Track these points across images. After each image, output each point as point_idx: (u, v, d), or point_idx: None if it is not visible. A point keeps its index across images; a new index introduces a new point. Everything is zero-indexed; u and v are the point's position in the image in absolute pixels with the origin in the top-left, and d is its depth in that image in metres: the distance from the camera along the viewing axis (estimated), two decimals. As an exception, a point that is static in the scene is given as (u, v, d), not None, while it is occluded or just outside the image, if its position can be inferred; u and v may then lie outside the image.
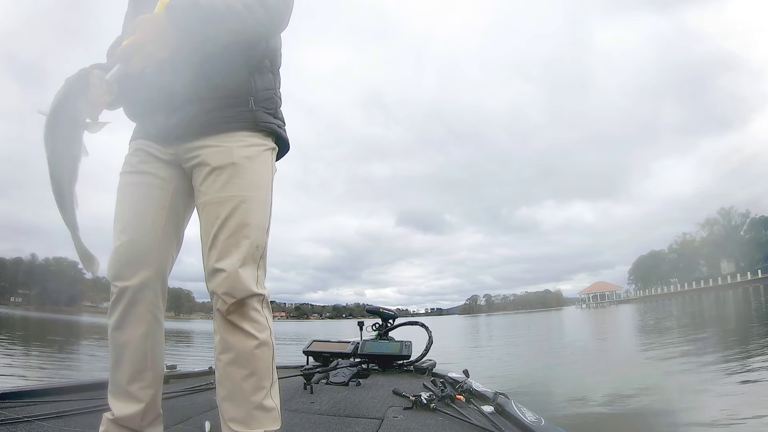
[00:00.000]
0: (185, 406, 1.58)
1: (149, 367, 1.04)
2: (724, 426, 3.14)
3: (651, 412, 3.78)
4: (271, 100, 1.12)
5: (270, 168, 1.12)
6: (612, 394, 4.47)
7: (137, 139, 1.13)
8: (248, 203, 1.02)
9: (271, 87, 1.13)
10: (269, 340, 1.02)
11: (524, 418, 1.37)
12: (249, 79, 1.08)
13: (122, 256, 1.03)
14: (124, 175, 1.11)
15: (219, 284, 0.97)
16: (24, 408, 1.36)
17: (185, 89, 1.04)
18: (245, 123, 1.07)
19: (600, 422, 3.57)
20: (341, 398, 1.77)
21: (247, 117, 1.07)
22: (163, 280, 1.08)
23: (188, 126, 1.05)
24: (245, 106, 1.07)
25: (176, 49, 0.95)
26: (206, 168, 1.03)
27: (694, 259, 73.69)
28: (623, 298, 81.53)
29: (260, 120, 1.09)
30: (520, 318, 46.51)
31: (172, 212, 1.10)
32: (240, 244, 1.00)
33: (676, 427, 3.37)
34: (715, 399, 3.99)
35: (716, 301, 31.96)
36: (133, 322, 1.02)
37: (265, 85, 1.11)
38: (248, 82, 1.08)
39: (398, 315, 2.95)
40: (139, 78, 1.01)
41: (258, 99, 1.08)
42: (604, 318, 28.80)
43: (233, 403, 0.98)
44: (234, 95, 1.06)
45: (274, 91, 1.14)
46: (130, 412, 1.01)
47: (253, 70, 1.09)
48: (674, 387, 4.79)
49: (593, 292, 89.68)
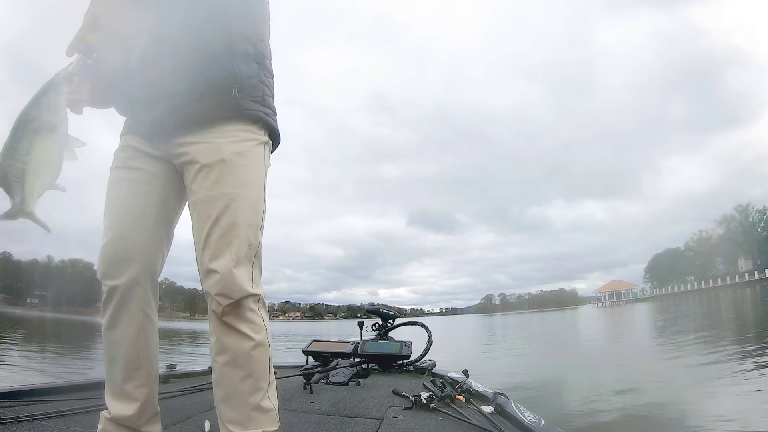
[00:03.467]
0: (185, 405, 1.58)
1: (143, 365, 1.04)
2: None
3: (653, 413, 3.71)
4: (256, 87, 1.07)
5: (263, 163, 1.08)
6: (615, 394, 4.41)
7: (126, 134, 1.10)
8: (239, 201, 1.00)
9: (255, 75, 1.08)
10: (266, 340, 1.01)
11: (524, 419, 1.35)
12: (232, 67, 1.03)
13: (110, 254, 1.02)
14: (112, 170, 1.08)
15: (213, 285, 0.96)
16: (24, 407, 1.37)
17: (164, 81, 1.01)
18: (230, 112, 1.03)
19: (600, 422, 3.52)
20: (341, 398, 1.76)
21: (231, 106, 1.03)
22: (153, 277, 1.06)
23: (171, 121, 1.01)
24: (229, 95, 1.03)
25: (135, 20, 0.92)
26: (195, 165, 1.01)
27: (711, 256, 72.14)
28: (639, 296, 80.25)
29: (245, 107, 1.04)
30: (535, 317, 46.03)
31: (162, 208, 1.07)
32: (233, 244, 0.97)
33: (678, 428, 3.30)
34: (724, 400, 3.89)
35: (733, 300, 31.21)
36: (125, 320, 1.01)
37: (249, 73, 1.06)
38: (231, 70, 1.03)
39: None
40: (119, 71, 0.99)
41: (242, 87, 1.04)
42: (623, 317, 28.26)
43: (231, 404, 0.97)
44: (217, 85, 1.02)
45: (258, 78, 1.08)
46: (126, 411, 1.01)
47: (236, 56, 1.04)
48: (683, 388, 4.68)
49: (609, 290, 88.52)
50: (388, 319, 2.89)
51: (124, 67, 1.00)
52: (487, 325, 33.60)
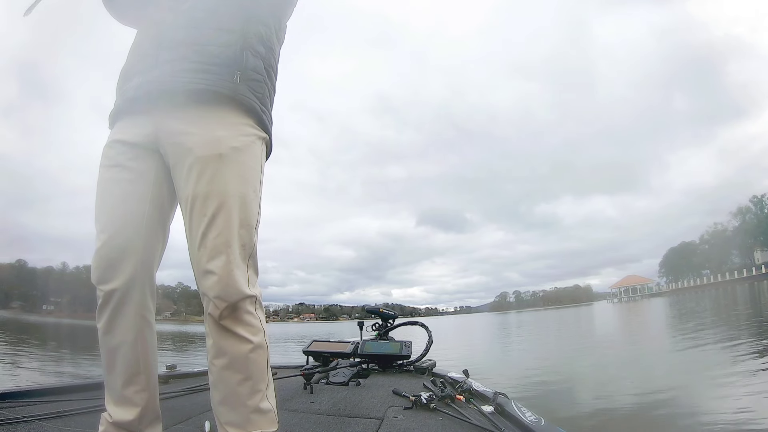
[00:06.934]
0: (185, 406, 1.58)
1: (142, 370, 1.01)
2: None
3: (662, 414, 3.63)
4: (259, 83, 1.05)
5: (260, 160, 1.05)
6: (620, 394, 4.32)
7: (114, 126, 1.07)
8: (235, 199, 0.97)
9: (261, 73, 1.06)
10: (263, 342, 0.99)
11: (524, 418, 1.33)
12: (240, 51, 1.02)
13: (104, 258, 0.99)
14: (101, 169, 1.04)
15: (211, 287, 0.93)
16: (24, 408, 1.37)
17: (172, 44, 1.00)
18: (224, 94, 0.99)
19: (601, 422, 3.45)
20: (341, 398, 1.75)
21: (228, 87, 1.00)
22: (150, 279, 1.03)
23: (167, 85, 0.98)
24: (229, 76, 1.00)
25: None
26: (190, 158, 0.97)
27: (727, 249, 70.72)
28: (655, 291, 79.07)
29: (240, 93, 1.01)
30: (551, 314, 45.44)
31: (155, 205, 1.03)
32: (229, 244, 0.95)
33: (681, 428, 3.22)
34: (740, 402, 3.79)
35: (750, 293, 30.43)
36: (122, 325, 0.99)
37: (255, 68, 1.04)
38: (238, 54, 1.01)
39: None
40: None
41: (245, 77, 1.02)
42: (642, 312, 27.68)
43: (229, 407, 0.96)
44: (219, 62, 1.00)
45: (264, 79, 1.07)
46: (127, 416, 0.99)
47: (246, 46, 1.03)
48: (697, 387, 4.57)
49: (624, 285, 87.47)
50: (388, 319, 2.87)
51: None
52: (503, 323, 33.14)
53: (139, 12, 1.17)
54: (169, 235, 1.10)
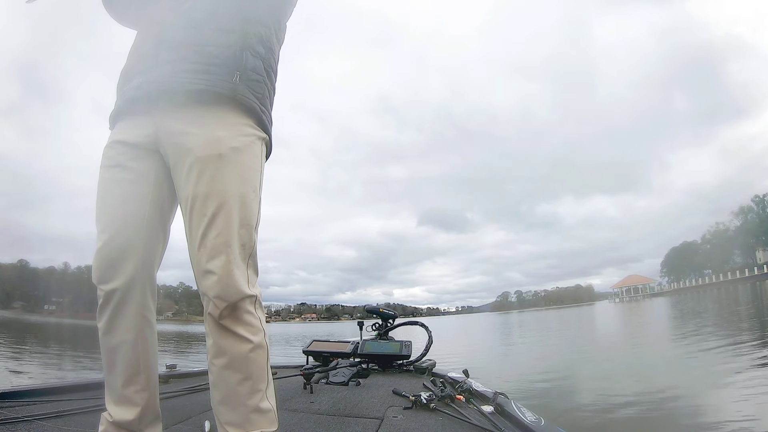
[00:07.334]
0: (185, 405, 1.58)
1: (142, 370, 1.02)
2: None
3: (657, 412, 3.62)
4: (259, 84, 1.06)
5: (260, 160, 1.06)
6: (621, 394, 4.31)
7: (114, 126, 1.08)
8: (235, 199, 0.97)
9: (260, 73, 1.07)
10: (263, 342, 0.99)
11: (524, 418, 1.33)
12: (239, 52, 1.02)
13: (104, 258, 0.99)
14: (102, 170, 1.05)
15: (211, 287, 0.94)
16: (23, 407, 1.37)
17: (173, 44, 1.00)
18: (224, 95, 1.00)
19: (601, 422, 3.45)
20: (341, 398, 1.75)
21: (228, 88, 1.00)
22: (151, 278, 1.04)
23: (167, 85, 0.99)
24: (228, 77, 1.00)
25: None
26: (190, 158, 0.97)
27: (729, 249, 70.54)
28: (657, 291, 78.71)
29: (240, 93, 1.01)
30: (553, 314, 45.38)
31: (155, 205, 1.04)
32: (228, 244, 0.95)
33: (681, 428, 3.21)
34: (735, 401, 3.78)
35: (752, 292, 30.36)
36: (122, 325, 0.99)
37: (255, 68, 1.05)
38: (238, 54, 1.02)
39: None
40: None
41: (245, 77, 1.02)
42: (643, 312, 27.65)
43: (229, 406, 0.96)
44: (219, 63, 1.00)
45: (263, 79, 1.08)
46: (127, 416, 1.00)
47: (246, 46, 1.03)
48: (699, 387, 4.56)
49: (626, 285, 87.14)
50: (388, 319, 2.87)
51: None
52: (504, 323, 33.16)
53: (139, 12, 1.17)
54: (169, 235, 1.11)
